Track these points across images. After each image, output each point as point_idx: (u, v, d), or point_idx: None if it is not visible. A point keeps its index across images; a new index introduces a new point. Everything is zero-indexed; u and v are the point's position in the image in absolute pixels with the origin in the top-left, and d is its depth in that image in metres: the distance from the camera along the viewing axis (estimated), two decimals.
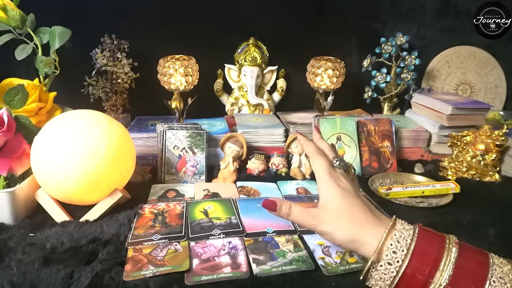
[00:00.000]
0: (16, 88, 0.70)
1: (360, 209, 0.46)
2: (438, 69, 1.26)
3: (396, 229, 0.42)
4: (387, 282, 0.41)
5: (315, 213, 0.47)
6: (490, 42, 1.22)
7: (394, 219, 0.44)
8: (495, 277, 0.38)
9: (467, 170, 0.89)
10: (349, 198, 0.46)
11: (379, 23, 1.22)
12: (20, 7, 0.79)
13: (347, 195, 0.47)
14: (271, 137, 0.94)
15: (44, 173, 0.63)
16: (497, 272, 0.38)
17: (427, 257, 0.40)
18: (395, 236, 0.42)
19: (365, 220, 0.44)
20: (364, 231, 0.44)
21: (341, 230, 0.45)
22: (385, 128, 0.95)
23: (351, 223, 0.44)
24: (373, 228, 0.43)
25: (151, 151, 0.91)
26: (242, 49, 1.15)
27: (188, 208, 0.70)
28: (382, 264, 0.41)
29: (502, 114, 1.18)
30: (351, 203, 0.46)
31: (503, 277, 0.38)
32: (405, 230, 0.42)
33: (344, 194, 0.47)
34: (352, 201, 0.46)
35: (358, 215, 0.45)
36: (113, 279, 0.50)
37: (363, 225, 0.44)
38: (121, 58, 1.02)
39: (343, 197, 0.46)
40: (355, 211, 0.45)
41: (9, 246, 0.57)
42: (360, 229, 0.44)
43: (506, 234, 0.65)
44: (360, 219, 0.45)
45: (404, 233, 0.42)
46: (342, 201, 0.46)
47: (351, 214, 0.45)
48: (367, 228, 0.44)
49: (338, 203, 0.46)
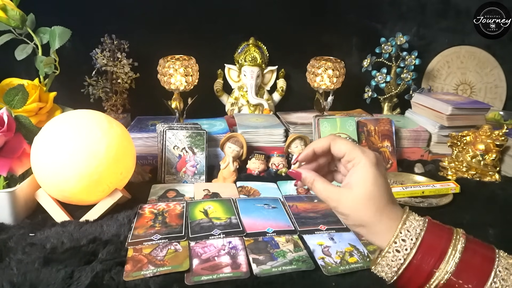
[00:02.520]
0: (16, 88, 0.70)
1: (386, 197, 0.44)
2: (438, 69, 1.26)
3: (408, 219, 0.42)
4: (393, 269, 0.41)
5: (338, 193, 0.45)
6: (490, 42, 1.22)
7: (408, 211, 0.44)
8: (501, 267, 0.38)
9: (467, 170, 0.89)
10: (381, 185, 0.44)
11: (379, 23, 1.22)
12: (20, 7, 0.79)
13: (380, 180, 0.44)
14: (271, 137, 0.94)
15: (44, 173, 0.63)
16: (502, 262, 0.39)
17: (434, 248, 0.40)
18: (405, 225, 0.42)
19: (386, 209, 0.43)
20: (381, 221, 0.43)
21: (360, 215, 0.43)
22: (385, 128, 0.95)
23: (373, 212, 0.43)
24: (389, 219, 0.43)
25: (151, 151, 0.91)
26: (242, 49, 1.15)
27: (188, 208, 0.70)
28: (390, 251, 0.41)
29: (502, 114, 1.18)
30: (380, 190, 0.44)
31: (508, 268, 0.38)
32: (416, 220, 0.43)
33: (378, 178, 0.44)
34: (382, 189, 0.44)
35: (382, 204, 0.43)
36: (113, 279, 0.51)
37: (382, 215, 0.43)
38: (121, 58, 1.02)
39: (376, 182, 0.44)
40: (381, 199, 0.44)
41: (9, 246, 0.57)
42: (378, 218, 0.43)
43: (506, 234, 0.65)
44: (381, 208, 0.43)
45: (415, 223, 0.42)
46: (374, 186, 0.44)
47: (376, 202, 0.43)
48: (384, 218, 0.43)
49: (368, 188, 0.44)
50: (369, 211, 0.43)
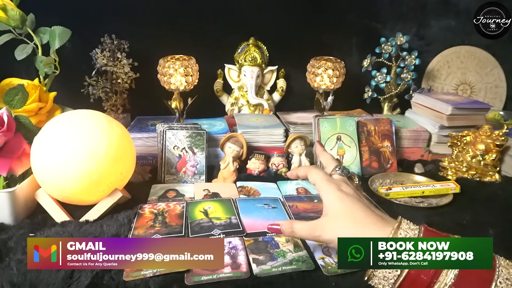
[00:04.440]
0: (16, 88, 0.70)
1: (361, 211, 0.46)
2: (438, 69, 1.26)
3: (401, 228, 0.42)
4: (391, 281, 0.41)
5: (316, 224, 0.48)
6: (490, 42, 1.22)
7: (400, 219, 0.44)
8: (502, 278, 0.37)
9: (467, 170, 0.89)
10: (349, 202, 0.47)
11: (379, 23, 1.22)
12: (20, 7, 0.79)
13: (347, 199, 0.47)
14: (271, 137, 0.94)
15: (44, 173, 0.63)
16: (503, 273, 0.38)
17: None
18: (400, 235, 0.42)
19: (367, 221, 0.44)
20: (366, 232, 0.43)
21: (342, 235, 0.45)
22: (385, 128, 0.95)
23: (353, 226, 0.45)
24: (376, 229, 0.43)
25: (151, 151, 0.91)
26: (242, 49, 1.15)
27: (188, 208, 0.70)
28: None
29: (502, 114, 1.18)
30: (352, 207, 0.46)
31: (509, 278, 0.37)
32: (411, 229, 0.42)
33: (344, 198, 0.47)
34: (353, 205, 0.46)
35: (359, 217, 0.45)
36: (113, 279, 0.51)
37: (365, 226, 0.44)
38: (121, 58, 1.02)
39: (343, 202, 0.47)
40: (355, 214, 0.45)
41: (9, 246, 0.57)
42: (362, 230, 0.44)
43: (506, 234, 0.65)
44: (362, 221, 0.45)
45: (410, 233, 0.42)
46: (342, 206, 0.46)
47: (352, 217, 0.45)
48: (370, 228, 0.44)
49: (338, 208, 0.47)
50: (349, 226, 0.45)
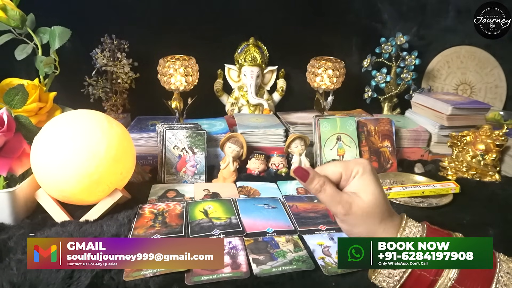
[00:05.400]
0: (16, 88, 0.70)
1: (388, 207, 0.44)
2: (438, 69, 1.26)
3: (407, 226, 0.42)
4: (395, 278, 0.41)
5: (347, 201, 0.43)
6: (490, 42, 1.22)
7: (406, 217, 0.44)
8: (503, 272, 0.38)
9: (467, 170, 0.89)
10: (383, 192, 0.44)
11: (379, 23, 1.22)
12: (20, 7, 0.79)
13: (381, 188, 0.44)
14: (271, 137, 0.94)
15: (44, 173, 0.63)
16: (504, 267, 0.38)
17: None
18: (405, 232, 0.42)
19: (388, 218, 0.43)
20: (384, 229, 0.43)
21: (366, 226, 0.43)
22: (385, 128, 0.95)
23: (378, 223, 0.43)
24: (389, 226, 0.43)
25: (151, 151, 0.91)
26: (242, 49, 1.15)
27: (188, 208, 0.70)
28: None
29: (502, 114, 1.18)
30: (385, 199, 0.44)
31: (510, 272, 0.38)
32: (414, 226, 0.42)
33: (379, 186, 0.44)
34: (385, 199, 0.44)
35: (386, 214, 0.43)
36: (113, 279, 0.51)
37: (385, 223, 0.43)
38: (121, 58, 1.02)
39: (382, 195, 0.44)
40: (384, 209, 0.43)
41: (9, 246, 0.57)
42: (382, 228, 0.43)
43: (506, 234, 0.65)
44: (385, 217, 0.43)
45: (414, 229, 0.42)
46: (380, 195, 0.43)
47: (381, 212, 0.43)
48: (386, 226, 0.43)
49: (378, 199, 0.43)
50: (376, 218, 0.43)
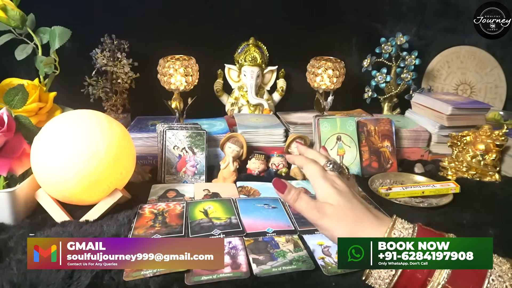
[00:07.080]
0: (16, 88, 0.70)
1: (359, 207, 0.45)
2: (438, 69, 1.26)
3: (395, 228, 0.42)
4: (386, 280, 0.41)
5: (320, 205, 0.46)
6: (490, 42, 1.22)
7: (394, 218, 0.44)
8: (494, 275, 0.38)
9: (467, 170, 0.89)
10: (347, 197, 0.46)
11: (379, 23, 1.22)
12: (20, 7, 0.79)
13: (344, 195, 0.46)
14: (271, 137, 0.94)
15: (44, 173, 0.63)
16: (496, 270, 0.38)
17: None
18: (394, 235, 0.42)
19: (365, 219, 0.44)
20: (365, 230, 0.43)
21: (343, 227, 0.44)
22: (385, 128, 0.95)
23: (354, 221, 0.44)
24: (373, 228, 0.43)
25: (151, 151, 0.91)
26: (242, 49, 1.15)
27: (188, 208, 0.70)
28: None
29: (502, 114, 1.18)
30: (351, 202, 0.46)
31: (502, 275, 0.38)
32: (405, 229, 0.42)
33: (341, 193, 0.47)
34: (351, 200, 0.46)
35: (359, 213, 0.45)
36: (113, 279, 0.51)
37: (364, 224, 0.44)
38: (121, 58, 1.02)
39: (341, 196, 0.46)
40: (355, 209, 0.45)
41: (9, 246, 0.57)
42: (361, 228, 0.44)
43: (506, 234, 0.65)
44: (361, 218, 0.44)
45: (404, 232, 0.42)
46: (342, 199, 0.46)
47: (352, 212, 0.45)
48: (368, 227, 0.44)
49: (338, 200, 0.46)
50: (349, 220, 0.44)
